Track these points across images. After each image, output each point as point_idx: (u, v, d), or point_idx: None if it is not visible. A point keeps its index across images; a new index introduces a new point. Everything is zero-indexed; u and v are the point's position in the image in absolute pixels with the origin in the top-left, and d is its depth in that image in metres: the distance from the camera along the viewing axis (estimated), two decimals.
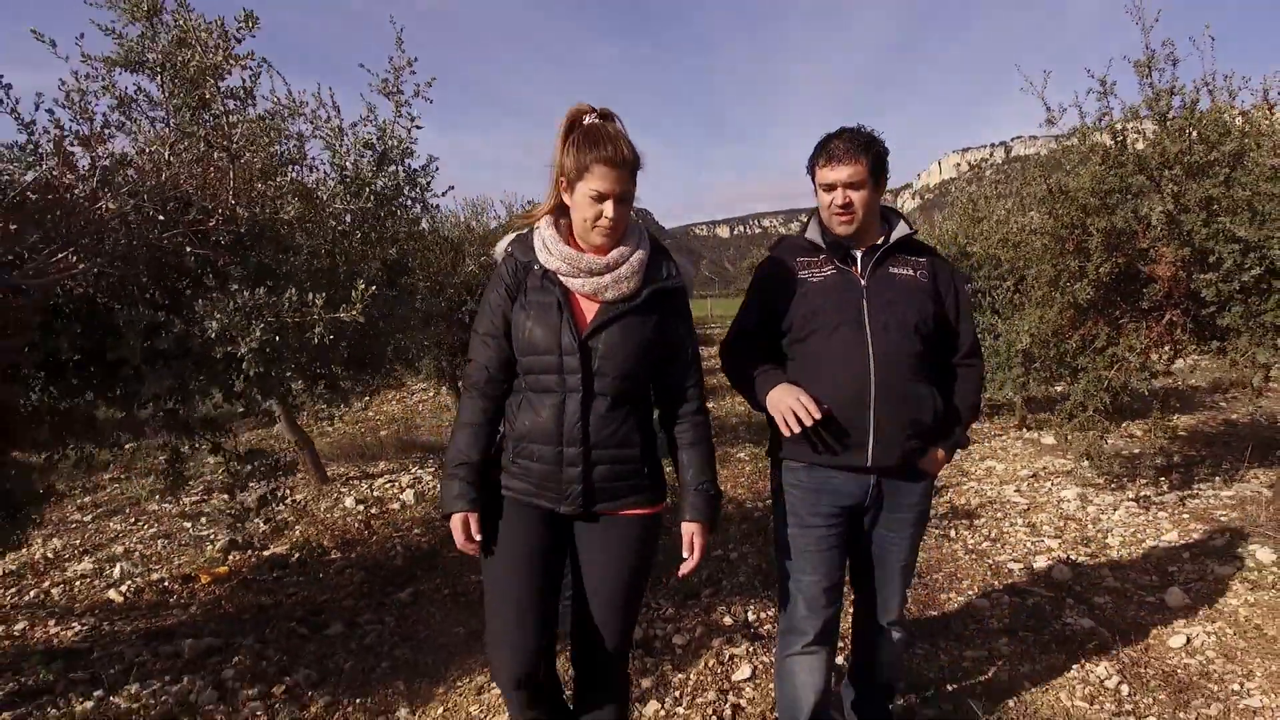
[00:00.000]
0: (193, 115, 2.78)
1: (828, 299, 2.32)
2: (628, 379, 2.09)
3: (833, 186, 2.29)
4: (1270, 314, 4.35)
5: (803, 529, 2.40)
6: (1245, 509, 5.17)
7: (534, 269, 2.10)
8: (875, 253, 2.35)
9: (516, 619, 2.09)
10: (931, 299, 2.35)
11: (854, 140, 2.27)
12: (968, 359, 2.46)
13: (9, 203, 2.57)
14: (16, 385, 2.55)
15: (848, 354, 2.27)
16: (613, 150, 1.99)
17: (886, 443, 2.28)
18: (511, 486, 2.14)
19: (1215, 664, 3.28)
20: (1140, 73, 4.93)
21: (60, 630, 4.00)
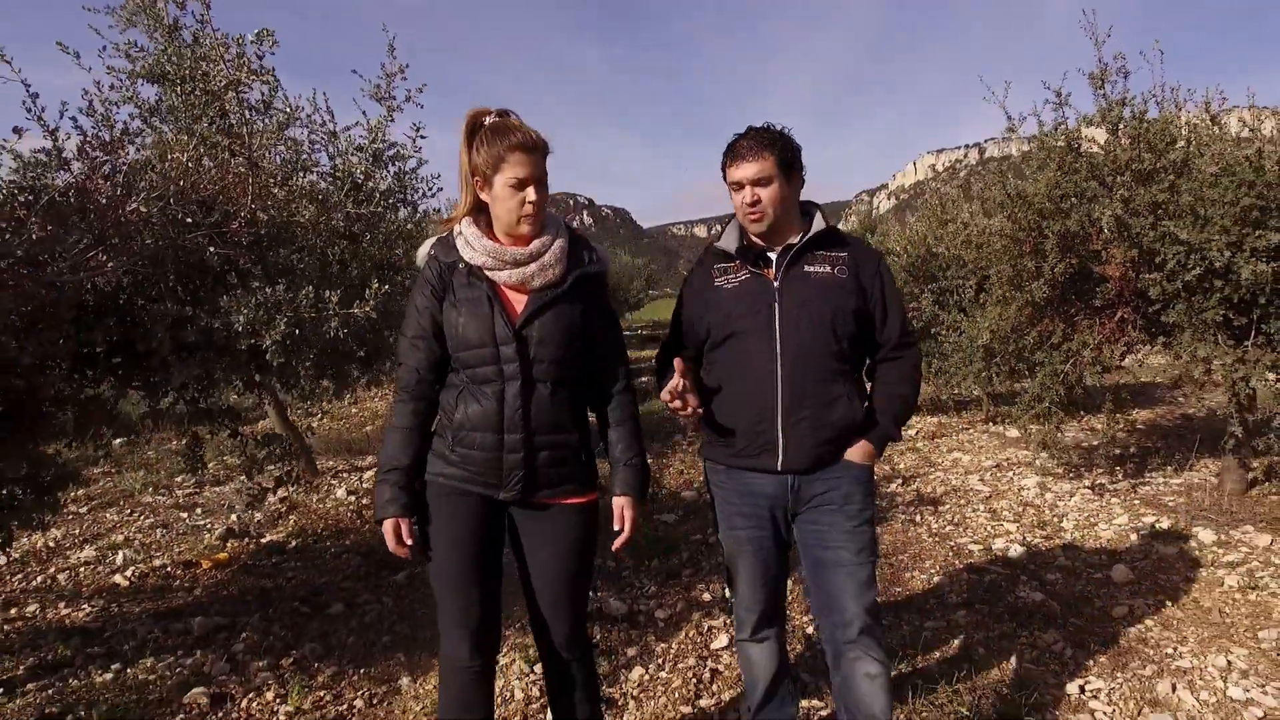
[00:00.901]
0: (212, 124, 2.99)
1: (739, 304, 2.32)
2: (563, 364, 2.15)
3: (741, 184, 2.27)
4: (1211, 311, 4.67)
5: (730, 530, 2.44)
6: (1192, 495, 5.50)
7: (459, 268, 2.14)
8: (789, 252, 2.31)
9: (463, 604, 2.15)
10: (853, 294, 2.30)
11: (759, 137, 2.26)
12: (896, 350, 2.39)
13: (42, 205, 2.78)
14: (49, 376, 2.76)
15: (756, 358, 2.27)
16: (523, 136, 2.05)
17: (796, 446, 2.28)
18: (449, 474, 2.17)
19: (1153, 631, 3.58)
20: (1094, 84, 5.26)
21: (71, 612, 4.19)
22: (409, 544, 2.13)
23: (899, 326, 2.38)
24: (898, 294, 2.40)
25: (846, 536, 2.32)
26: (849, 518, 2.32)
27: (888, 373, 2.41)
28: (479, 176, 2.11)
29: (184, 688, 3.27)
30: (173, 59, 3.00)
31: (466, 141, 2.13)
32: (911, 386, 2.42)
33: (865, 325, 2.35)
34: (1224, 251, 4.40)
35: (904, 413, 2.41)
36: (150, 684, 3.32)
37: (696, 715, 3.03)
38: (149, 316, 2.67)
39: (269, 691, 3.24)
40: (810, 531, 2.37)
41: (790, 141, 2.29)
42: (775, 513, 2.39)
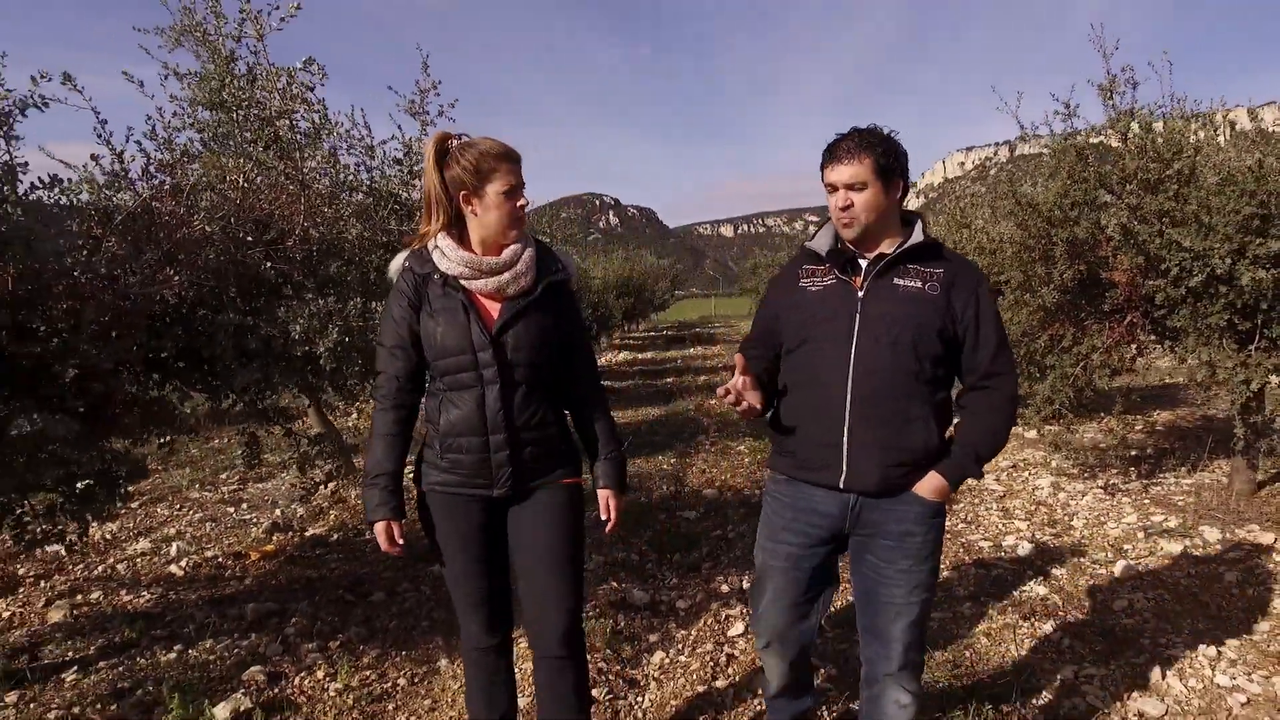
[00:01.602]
0: (267, 148, 3.27)
1: (820, 309, 2.24)
2: (538, 366, 2.24)
3: (835, 187, 2.18)
4: (1215, 316, 4.83)
5: (774, 543, 2.37)
6: (1201, 495, 5.65)
7: (434, 278, 2.21)
8: (880, 261, 2.20)
9: (474, 597, 2.34)
10: (941, 313, 2.16)
11: (859, 139, 2.15)
12: (986, 379, 2.21)
13: (117, 225, 3.07)
14: (122, 379, 3.05)
15: (828, 367, 2.19)
16: (505, 150, 2.17)
17: (861, 464, 2.17)
18: (444, 481, 2.28)
19: (1150, 623, 3.76)
20: (1103, 95, 5.42)
21: (132, 598, 4.51)
22: (400, 544, 2.25)
23: (991, 353, 2.20)
24: (995, 318, 2.22)
25: (902, 576, 2.22)
26: (905, 556, 2.21)
27: (975, 402, 2.24)
28: (465, 189, 2.17)
29: (242, 666, 3.55)
30: (230, 88, 3.28)
31: (436, 162, 2.19)
32: (1000, 419, 2.23)
33: (953, 348, 2.21)
34: (1225, 259, 4.55)
35: (988, 448, 2.22)
36: (211, 663, 3.61)
37: (713, 695, 3.26)
38: (214, 326, 2.96)
39: (319, 670, 3.52)
40: (865, 561, 2.29)
41: (893, 146, 2.17)
42: (827, 535, 2.30)
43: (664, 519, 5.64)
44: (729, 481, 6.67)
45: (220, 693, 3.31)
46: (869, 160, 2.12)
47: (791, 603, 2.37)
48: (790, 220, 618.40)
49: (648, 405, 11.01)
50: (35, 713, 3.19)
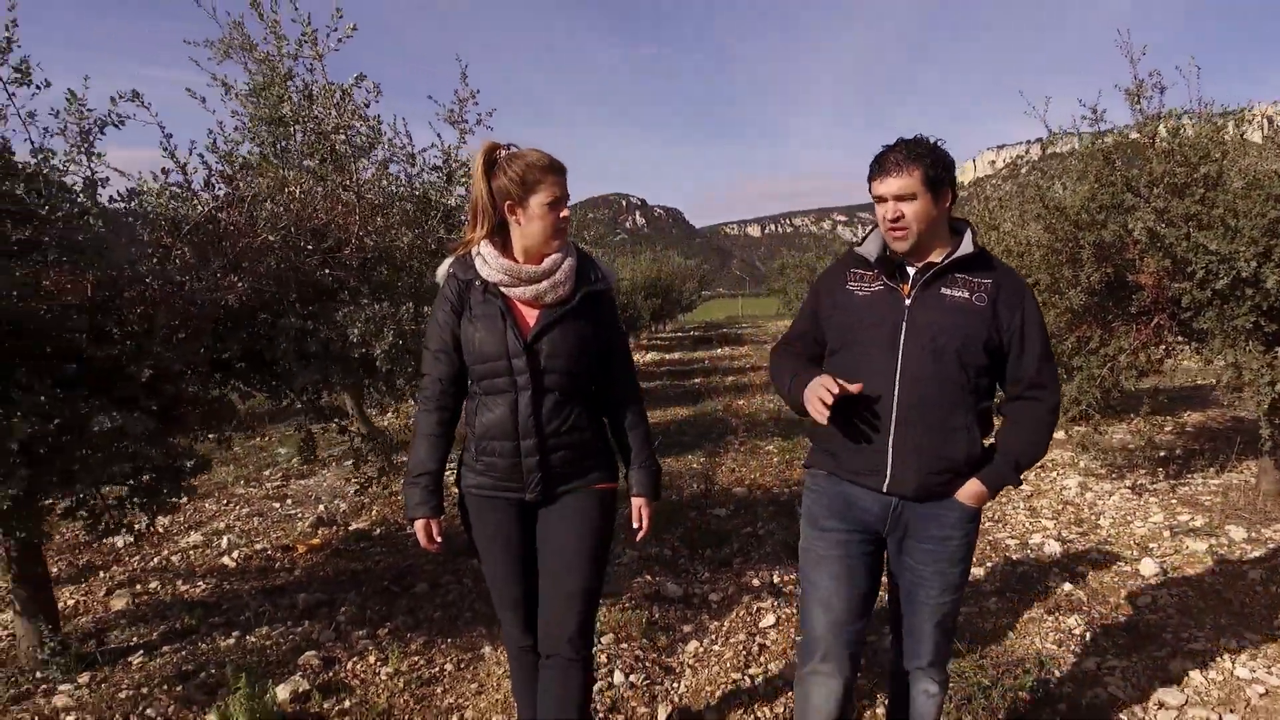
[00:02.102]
0: (323, 161, 3.46)
1: (867, 315, 2.25)
2: (571, 375, 2.28)
3: (884, 199, 2.19)
4: (1241, 318, 4.89)
5: (819, 532, 2.35)
6: (1229, 495, 5.70)
7: (475, 284, 2.27)
8: (929, 270, 2.22)
9: (514, 595, 2.41)
10: (987, 324, 2.17)
11: (907, 150, 2.16)
12: (1031, 391, 2.24)
13: (185, 234, 3.27)
14: (190, 380, 3.25)
15: (875, 372, 2.19)
16: (551, 162, 2.23)
17: (904, 470, 2.19)
18: (480, 484, 2.34)
19: (1173, 619, 3.85)
20: (1130, 100, 5.50)
21: (188, 588, 4.72)
22: (438, 541, 2.34)
23: (1036, 365, 2.23)
24: (1042, 331, 2.25)
25: (938, 578, 2.27)
26: (942, 559, 2.26)
27: (1017, 412, 2.27)
28: (510, 200, 2.22)
29: (297, 651, 3.75)
30: (289, 105, 3.47)
31: (485, 171, 2.24)
32: (1042, 431, 2.26)
33: (998, 359, 2.23)
34: (1251, 262, 4.62)
35: (1028, 457, 2.27)
36: (268, 648, 3.81)
37: (745, 682, 3.40)
38: (275, 329, 3.14)
39: (370, 655, 3.70)
40: (902, 562, 2.33)
41: (941, 156, 2.18)
42: (872, 531, 2.31)
43: (695, 516, 5.78)
44: (758, 480, 6.79)
45: (279, 675, 3.50)
46: (918, 171, 2.14)
47: (849, 594, 2.29)
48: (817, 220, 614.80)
49: (676, 405, 11.15)
50: (107, 692, 3.40)
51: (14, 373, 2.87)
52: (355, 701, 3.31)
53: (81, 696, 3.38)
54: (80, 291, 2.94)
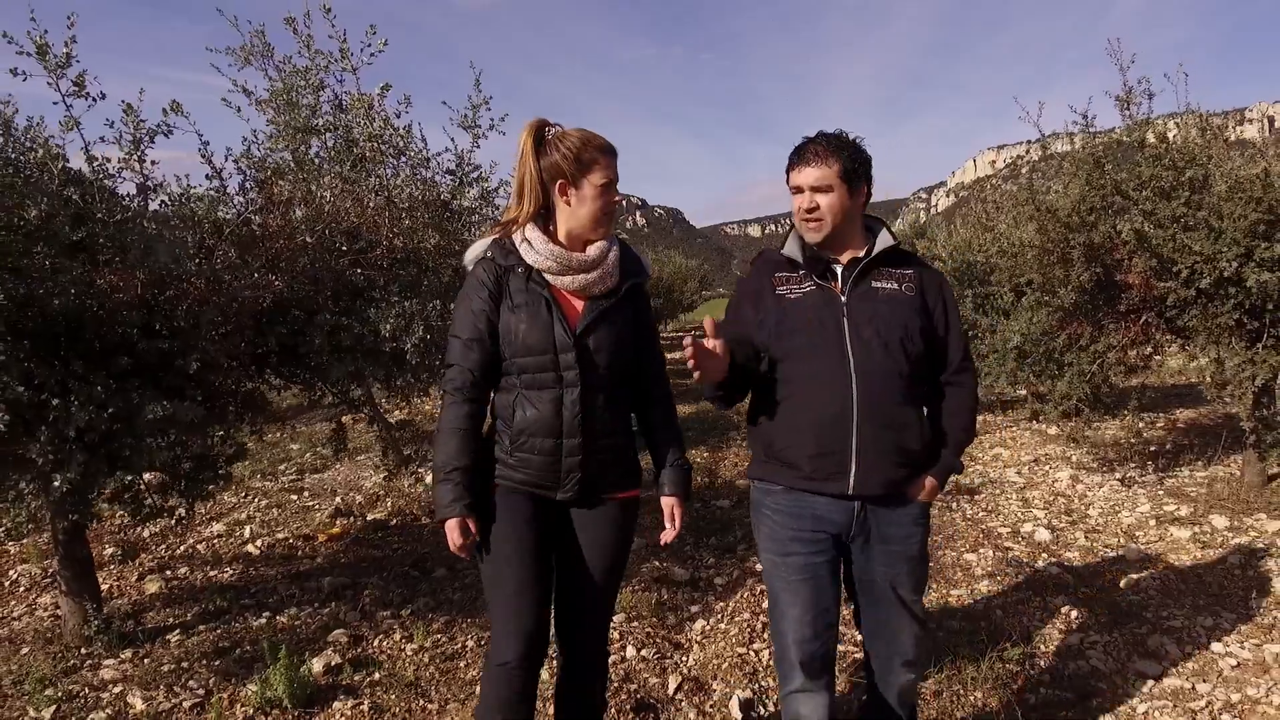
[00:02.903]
0: (354, 167, 3.68)
1: (805, 317, 2.23)
2: (617, 370, 2.20)
3: (800, 189, 2.20)
4: (1224, 316, 5.11)
5: (783, 558, 2.29)
6: (1214, 486, 5.92)
7: (516, 270, 2.14)
8: (857, 266, 2.23)
9: (517, 605, 2.17)
10: (920, 313, 2.23)
11: (827, 142, 2.18)
12: (958, 374, 2.32)
13: (228, 236, 3.49)
14: (231, 372, 3.47)
15: (828, 375, 2.17)
16: (605, 143, 2.14)
17: (870, 469, 2.18)
18: (508, 477, 2.21)
19: (1154, 599, 4.07)
20: (1120, 106, 5.72)
21: (216, 574, 4.94)
22: (475, 540, 2.16)
23: (961, 349, 2.33)
24: (959, 316, 2.35)
25: (908, 578, 2.30)
26: (908, 558, 2.29)
27: (950, 400, 2.33)
28: (563, 179, 2.12)
29: (326, 630, 3.97)
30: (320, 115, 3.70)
31: (534, 148, 2.13)
32: (970, 415, 2.35)
33: (931, 347, 2.28)
34: (1233, 262, 4.84)
35: (966, 441, 2.37)
36: (297, 626, 4.03)
37: (750, 657, 3.62)
38: (311, 325, 3.36)
39: (395, 633, 3.92)
40: (868, 567, 2.32)
41: (859, 151, 2.20)
42: (836, 544, 2.29)
43: (699, 507, 6.00)
44: None
45: (311, 651, 3.71)
46: (836, 164, 2.15)
47: (819, 618, 2.28)
48: None
49: (679, 402, 11.21)
50: (151, 666, 3.62)
51: (72, 365, 3.09)
52: (384, 674, 3.52)
53: (126, 670, 3.60)
54: (131, 289, 3.16)
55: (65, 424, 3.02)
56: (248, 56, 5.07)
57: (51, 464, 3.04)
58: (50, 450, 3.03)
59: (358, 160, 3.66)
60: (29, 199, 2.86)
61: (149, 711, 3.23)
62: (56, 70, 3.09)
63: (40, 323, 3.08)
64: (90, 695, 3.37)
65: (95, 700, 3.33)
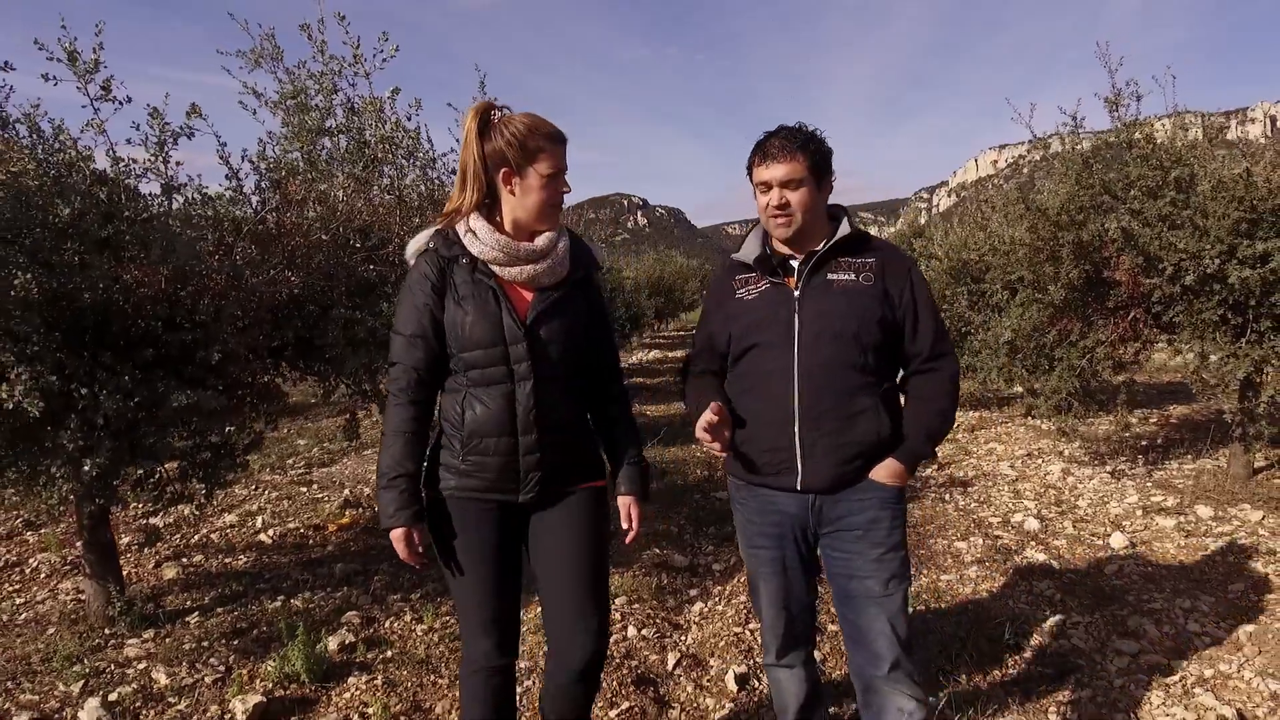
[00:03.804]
0: (366, 168, 3.84)
1: (758, 316, 2.23)
2: (571, 362, 2.13)
3: (769, 186, 2.16)
4: (1209, 312, 5.26)
5: (751, 550, 2.37)
6: (1201, 479, 6.07)
7: (461, 262, 2.05)
8: (811, 259, 2.21)
9: (484, 619, 2.13)
10: (878, 302, 2.18)
11: (792, 137, 2.14)
12: (929, 362, 2.26)
13: (246, 233, 3.65)
14: (251, 365, 3.63)
15: (774, 372, 2.19)
16: (555, 129, 2.03)
17: (815, 464, 2.17)
18: (462, 486, 2.10)
19: (1136, 583, 4.22)
20: (1109, 107, 5.88)
21: (230, 561, 5.11)
22: (420, 552, 2.09)
23: (931, 336, 2.25)
24: (931, 302, 2.27)
25: (874, 566, 2.21)
26: (874, 545, 2.21)
27: (920, 386, 2.28)
28: (507, 167, 2.02)
29: (339, 612, 4.13)
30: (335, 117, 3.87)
31: (479, 132, 2.03)
32: (947, 400, 2.26)
33: (894, 336, 2.23)
34: (1215, 259, 4.99)
35: (939, 428, 2.28)
36: (311, 609, 4.19)
37: (745, 636, 3.78)
38: (326, 319, 3.52)
39: (406, 615, 4.08)
40: (835, 559, 2.28)
41: (823, 145, 2.18)
42: (797, 532, 2.29)
43: (699, 499, 6.16)
44: None
45: (326, 631, 3.87)
46: (803, 158, 2.12)
47: (791, 605, 2.35)
48: None
49: (679, 400, 11.49)
50: (172, 645, 3.78)
51: (100, 356, 3.25)
52: (396, 652, 3.68)
53: (149, 648, 3.76)
54: (155, 284, 3.32)
55: (94, 412, 3.19)
56: (258, 59, 5.24)
57: (81, 449, 3.20)
58: (80, 436, 3.19)
59: (370, 161, 3.82)
60: (60, 198, 3.02)
61: (173, 685, 3.39)
62: (85, 75, 3.25)
63: (70, 316, 3.24)
64: (116, 671, 3.54)
65: (121, 675, 3.49)
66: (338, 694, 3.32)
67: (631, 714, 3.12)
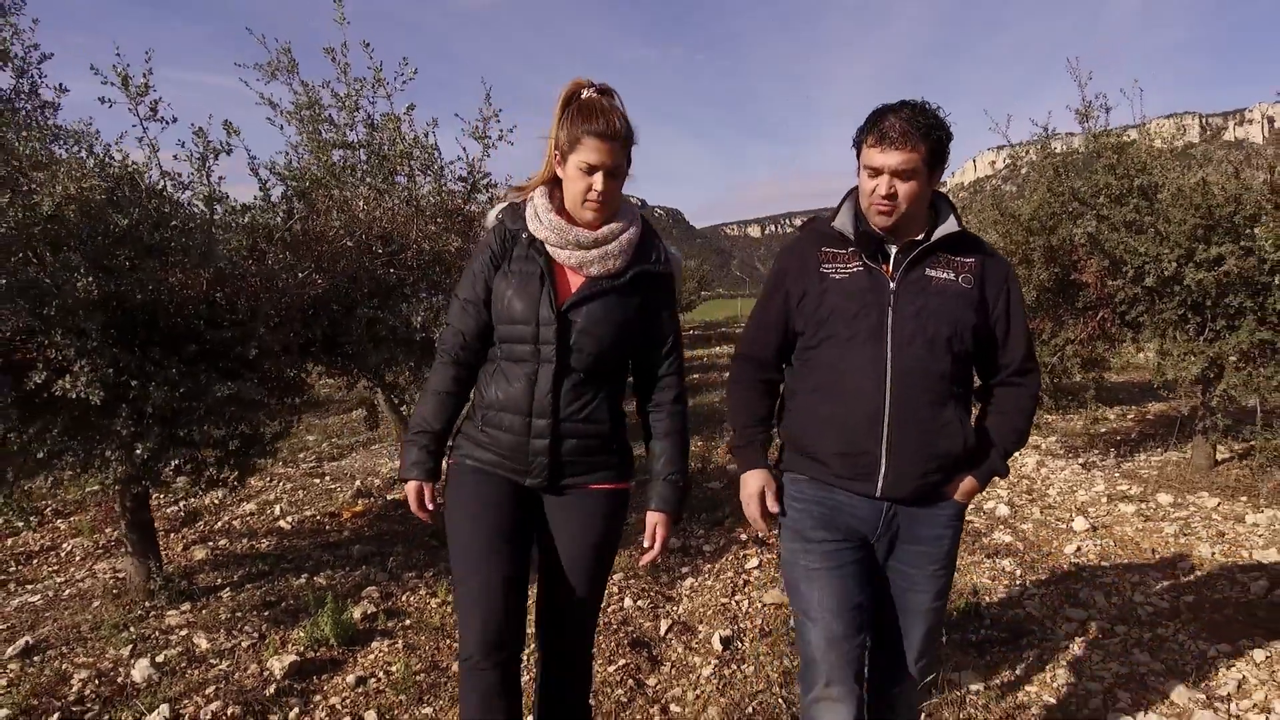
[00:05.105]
0: (385, 180, 4.21)
1: (848, 301, 2.05)
2: (602, 357, 2.06)
3: (879, 171, 1.97)
4: (1169, 311, 5.64)
5: (806, 544, 2.15)
6: (1165, 469, 6.45)
7: (521, 237, 2.06)
8: (913, 250, 2.04)
9: (484, 589, 2.04)
10: (974, 308, 2.04)
11: (914, 121, 1.92)
12: (1016, 377, 2.14)
13: (278, 240, 4.01)
14: (284, 359, 3.99)
15: (862, 370, 2.02)
16: (604, 124, 1.96)
17: (899, 474, 2.04)
18: (478, 457, 2.12)
19: (1093, 562, 4.59)
20: (1079, 118, 6.26)
21: (253, 545, 5.47)
22: (430, 509, 2.13)
23: (1023, 349, 2.13)
24: (1024, 312, 2.15)
25: (929, 581, 2.16)
26: (934, 561, 2.15)
27: (1005, 400, 2.16)
28: (558, 151, 2.03)
29: (358, 587, 4.49)
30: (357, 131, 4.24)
31: (559, 111, 2.03)
32: (1026, 418, 2.18)
33: (983, 344, 2.10)
34: (1172, 263, 5.36)
35: (1014, 445, 2.18)
36: (334, 585, 4.55)
37: (731, 606, 4.14)
38: (351, 318, 3.89)
39: (421, 590, 4.44)
40: (891, 566, 2.20)
41: (946, 131, 1.98)
42: (863, 538, 2.16)
43: (693, 488, 6.52)
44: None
45: (346, 602, 4.23)
46: (923, 148, 1.93)
47: (846, 610, 2.10)
48: None
49: None
50: (209, 616, 4.14)
51: (150, 351, 3.61)
52: (413, 621, 4.04)
53: (189, 618, 4.12)
54: (197, 286, 3.68)
55: (144, 401, 3.55)
56: (274, 71, 5.60)
57: (132, 435, 3.56)
58: (131, 423, 3.55)
59: (389, 174, 4.18)
60: (118, 210, 3.38)
61: (213, 649, 3.75)
62: (136, 98, 3.61)
63: (121, 314, 3.60)
64: (160, 637, 3.90)
65: (165, 641, 3.86)
66: (363, 655, 3.69)
67: (627, 669, 3.49)
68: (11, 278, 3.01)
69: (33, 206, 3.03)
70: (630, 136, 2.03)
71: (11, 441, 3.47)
